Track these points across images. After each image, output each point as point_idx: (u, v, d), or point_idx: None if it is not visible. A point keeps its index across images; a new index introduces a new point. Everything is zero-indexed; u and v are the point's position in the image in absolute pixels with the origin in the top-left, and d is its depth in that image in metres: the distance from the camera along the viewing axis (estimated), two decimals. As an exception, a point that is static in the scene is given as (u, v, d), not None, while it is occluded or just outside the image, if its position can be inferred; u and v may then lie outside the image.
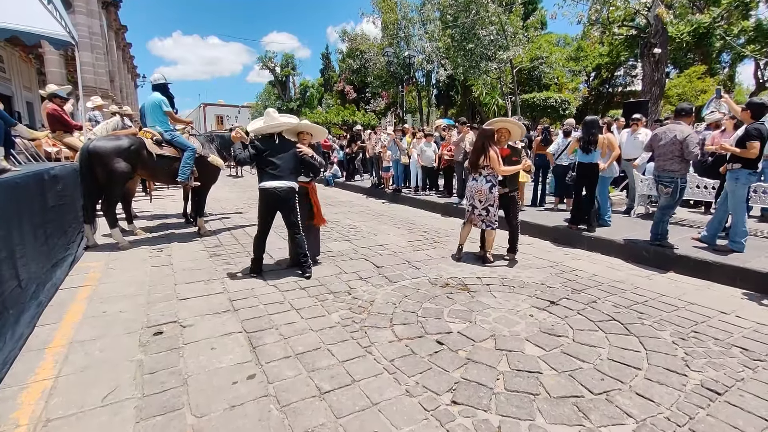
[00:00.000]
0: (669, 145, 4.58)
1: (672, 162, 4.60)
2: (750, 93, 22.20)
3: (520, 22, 17.27)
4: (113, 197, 5.20)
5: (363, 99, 30.94)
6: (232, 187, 11.93)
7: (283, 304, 3.46)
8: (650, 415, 2.05)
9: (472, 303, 3.50)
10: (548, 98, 20.90)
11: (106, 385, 2.29)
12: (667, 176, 4.64)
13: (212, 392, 2.22)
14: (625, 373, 2.44)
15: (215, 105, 53.83)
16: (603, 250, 5.18)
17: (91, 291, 3.71)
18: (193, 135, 6.14)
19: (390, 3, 24.24)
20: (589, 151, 5.43)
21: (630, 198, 6.95)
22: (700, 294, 3.80)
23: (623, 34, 16.59)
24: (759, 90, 21.71)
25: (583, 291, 3.83)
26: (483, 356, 2.61)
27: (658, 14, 12.12)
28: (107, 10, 21.21)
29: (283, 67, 38.62)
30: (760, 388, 2.30)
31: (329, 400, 2.17)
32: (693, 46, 21.23)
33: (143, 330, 2.95)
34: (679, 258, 4.47)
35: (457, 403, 2.15)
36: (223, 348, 2.70)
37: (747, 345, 2.80)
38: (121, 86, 25.16)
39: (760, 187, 5.46)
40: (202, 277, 4.14)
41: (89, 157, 4.90)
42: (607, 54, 24.18)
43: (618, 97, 25.66)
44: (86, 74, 16.52)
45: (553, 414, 2.06)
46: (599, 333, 2.97)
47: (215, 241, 5.66)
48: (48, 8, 5.14)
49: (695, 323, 3.14)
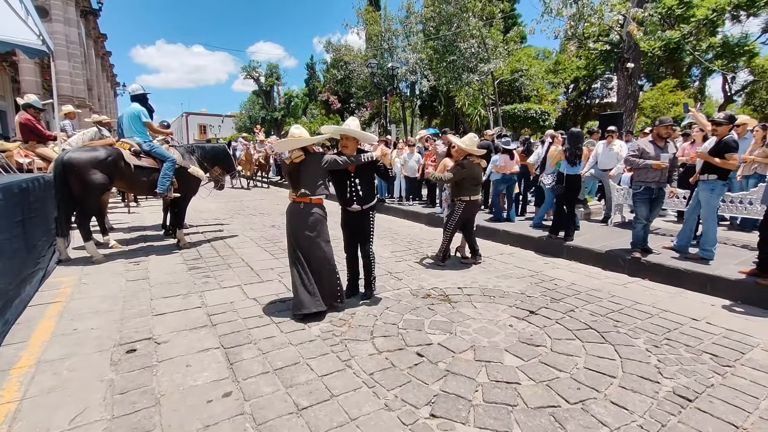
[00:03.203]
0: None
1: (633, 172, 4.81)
2: (719, 106, 23.18)
3: (500, 36, 17.70)
4: (88, 210, 5.07)
5: (347, 109, 31.06)
6: (214, 198, 11.75)
7: (262, 318, 3.41)
8: (624, 423, 2.09)
9: (453, 314, 3.52)
10: (528, 109, 21.38)
11: (74, 406, 2.20)
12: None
13: (186, 412, 2.16)
14: (601, 381, 2.48)
15: (198, 114, 53.20)
16: (582, 259, 5.29)
17: (61, 307, 3.58)
18: (173, 146, 6.05)
19: (374, 15, 24.55)
20: (575, 163, 5.57)
21: (607, 207, 7.13)
22: (673, 301, 3.91)
23: (598, 48, 17.18)
24: (727, 103, 22.72)
25: (562, 300, 3.89)
26: (462, 368, 2.62)
27: (629, 31, 12.62)
28: (86, 19, 20.86)
29: (267, 76, 38.52)
30: (729, 393, 2.37)
31: (307, 416, 2.14)
32: (665, 60, 22.12)
33: (115, 348, 2.86)
34: (653, 266, 4.60)
35: (436, 417, 2.14)
36: (199, 365, 2.64)
37: (717, 351, 2.88)
38: (100, 95, 24.68)
39: (728, 197, 5.68)
40: (180, 291, 4.05)
41: (63, 169, 4.77)
42: (584, 67, 24.94)
43: (596, 108, 26.45)
44: (63, 83, 16.15)
45: (529, 425, 2.08)
46: (576, 342, 3.02)
47: (195, 253, 5.55)
48: (21, 16, 5.04)
49: (668, 330, 3.22)
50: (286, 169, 3.48)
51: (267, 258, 5.34)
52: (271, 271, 4.76)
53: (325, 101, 32.11)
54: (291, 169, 3.40)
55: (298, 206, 3.41)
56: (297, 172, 3.39)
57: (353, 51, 26.69)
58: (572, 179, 5.61)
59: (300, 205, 3.41)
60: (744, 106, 22.86)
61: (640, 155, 4.72)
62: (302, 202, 3.40)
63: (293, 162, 3.36)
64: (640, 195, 4.77)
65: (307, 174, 3.39)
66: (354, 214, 3.67)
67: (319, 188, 3.43)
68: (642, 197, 4.76)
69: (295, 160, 3.35)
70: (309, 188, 3.39)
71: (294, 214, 3.43)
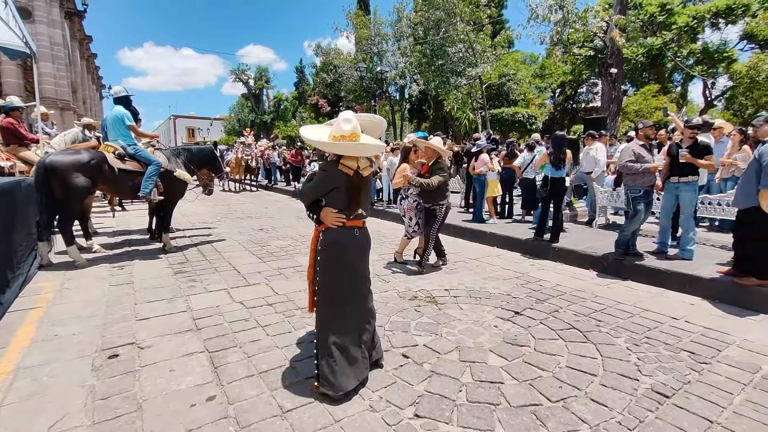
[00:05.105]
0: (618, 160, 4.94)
1: (624, 176, 4.89)
2: (700, 110, 23.79)
3: (489, 41, 17.96)
4: (71, 214, 4.99)
5: (337, 112, 31.01)
6: (202, 202, 11.64)
7: (248, 321, 3.39)
8: (603, 420, 2.14)
9: (439, 315, 3.55)
10: (516, 113, 21.68)
11: (54, 413, 2.17)
12: (624, 189, 4.92)
13: (169, 416, 2.14)
14: (582, 380, 2.53)
15: (186, 117, 52.64)
16: (567, 260, 5.37)
17: (42, 313, 3.52)
18: (159, 149, 5.99)
19: (364, 20, 24.68)
20: (560, 167, 5.66)
21: (591, 209, 7.26)
22: (654, 301, 4.00)
23: (583, 54, 17.54)
24: (708, 107, 23.33)
25: (547, 301, 3.95)
26: (447, 368, 2.65)
27: (612, 37, 12.91)
28: (71, 20, 20.57)
29: (256, 79, 38.35)
30: (704, 389, 2.44)
31: (291, 419, 2.14)
32: (647, 66, 22.66)
33: (97, 353, 2.82)
34: (635, 266, 4.69)
35: (420, 417, 2.16)
36: (183, 369, 2.62)
37: (694, 349, 2.96)
38: (85, 97, 24.31)
39: (706, 198, 5.83)
40: (165, 295, 4.00)
41: (46, 172, 4.70)
42: (571, 72, 25.43)
43: (582, 112, 26.95)
44: (47, 85, 15.90)
45: (512, 423, 2.11)
46: (560, 342, 3.07)
47: (181, 257, 5.49)
48: (2, 17, 4.96)
49: (648, 329, 3.30)
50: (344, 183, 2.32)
51: (254, 262, 5.31)
52: (259, 274, 4.74)
53: (314, 104, 32.09)
54: (357, 183, 2.35)
55: (351, 233, 2.40)
56: (361, 187, 2.39)
57: (343, 54, 26.76)
58: (556, 182, 5.71)
59: (355, 232, 2.42)
60: (724, 111, 23.51)
61: (636, 160, 4.73)
62: (356, 227, 2.42)
63: (362, 176, 2.37)
64: (641, 198, 4.79)
65: (368, 188, 2.50)
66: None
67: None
68: (643, 200, 4.80)
69: (365, 173, 2.37)
70: (365, 208, 2.48)
71: (348, 247, 2.42)
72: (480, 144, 7.43)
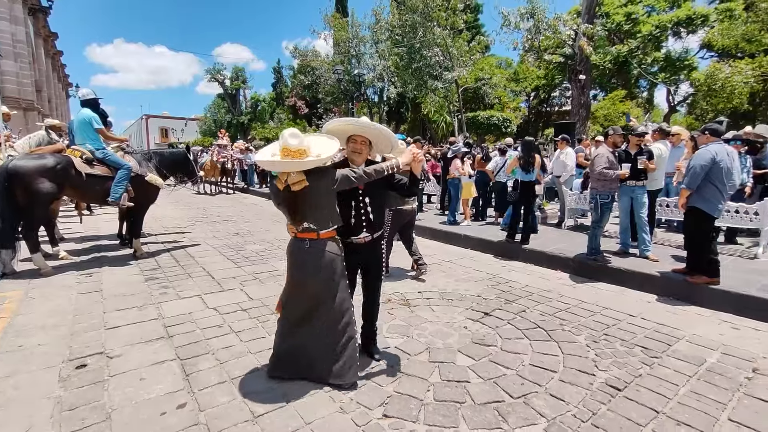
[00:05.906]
0: (590, 165, 5.17)
1: (592, 180, 5.12)
2: (664, 115, 24.90)
3: (466, 46, 18.29)
4: (36, 220, 4.84)
5: (315, 114, 30.91)
6: (176, 205, 11.41)
7: (222, 328, 3.40)
8: (560, 414, 2.28)
9: (412, 318, 3.65)
10: (491, 117, 22.15)
11: (18, 425, 2.14)
12: (591, 194, 5.15)
13: (138, 425, 2.15)
14: (543, 376, 2.68)
15: (159, 117, 51.12)
16: (537, 261, 5.58)
17: (5, 324, 3.42)
18: (129, 153, 5.87)
19: (341, 22, 24.66)
20: (529, 171, 5.87)
21: (561, 212, 7.55)
22: (615, 299, 4.22)
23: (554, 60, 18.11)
24: (671, 112, 24.46)
25: (515, 301, 4.11)
26: (417, 369, 2.75)
27: (580, 45, 13.42)
28: (35, 17, 19.72)
29: (233, 79, 37.69)
30: (654, 382, 2.62)
31: (262, 423, 2.18)
32: (615, 72, 23.57)
33: (64, 364, 2.77)
34: (600, 267, 4.93)
35: (388, 417, 2.24)
36: (154, 378, 2.62)
37: (647, 344, 3.16)
38: (50, 96, 23.34)
39: (664, 201, 6.17)
40: (136, 303, 3.95)
41: (9, 177, 4.54)
42: (544, 77, 26.15)
43: (555, 116, 27.74)
44: (9, 84, 15.21)
45: (475, 420, 2.22)
46: (525, 341, 3.22)
47: (153, 263, 5.40)
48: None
49: (607, 326, 3.49)
50: (280, 197, 2.44)
51: (229, 267, 5.29)
52: (233, 279, 4.73)
53: (292, 106, 31.83)
54: (288, 198, 2.41)
55: (302, 244, 2.45)
56: (295, 201, 2.40)
57: (320, 57, 26.65)
58: (526, 185, 5.92)
59: (305, 244, 2.45)
60: (687, 116, 24.72)
61: (610, 166, 4.87)
62: (307, 238, 2.44)
63: (292, 191, 2.37)
64: (608, 204, 5.02)
65: (311, 201, 2.40)
66: (361, 245, 2.70)
67: (330, 218, 2.47)
68: (610, 205, 5.05)
69: (294, 188, 2.36)
70: (314, 220, 2.42)
71: (297, 260, 2.48)
72: (456, 149, 7.60)
